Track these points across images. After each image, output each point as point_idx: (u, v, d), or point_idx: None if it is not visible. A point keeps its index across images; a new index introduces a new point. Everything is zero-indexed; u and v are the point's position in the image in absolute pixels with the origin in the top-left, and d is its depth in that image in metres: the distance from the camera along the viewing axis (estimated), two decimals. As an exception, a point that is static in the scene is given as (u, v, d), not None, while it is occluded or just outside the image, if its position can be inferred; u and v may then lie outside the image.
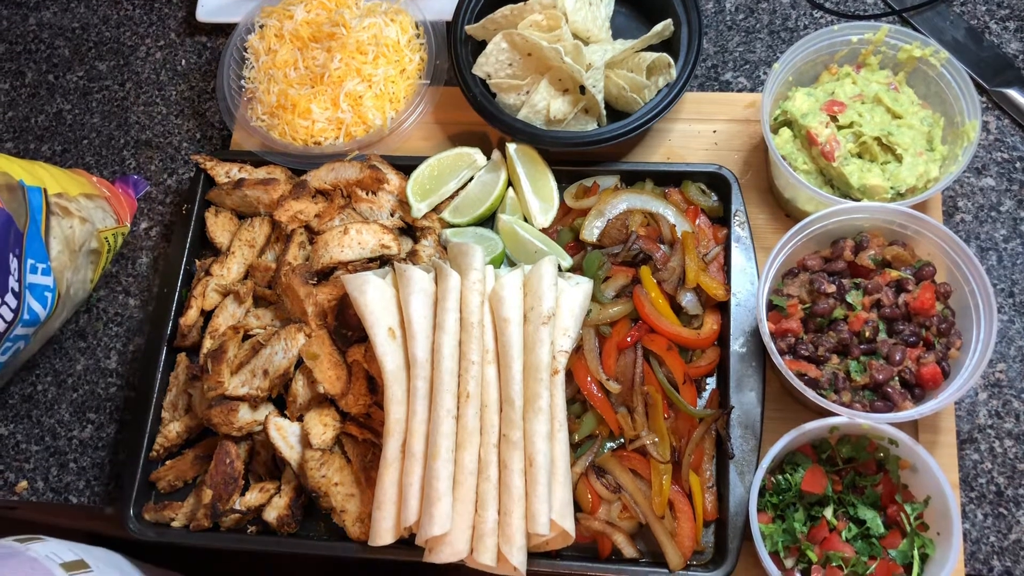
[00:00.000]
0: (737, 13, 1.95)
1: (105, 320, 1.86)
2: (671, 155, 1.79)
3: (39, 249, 1.59)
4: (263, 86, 1.85)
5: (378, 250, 1.65)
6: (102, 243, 1.76)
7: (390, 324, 1.51)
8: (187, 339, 1.69)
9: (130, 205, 1.91)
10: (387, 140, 1.83)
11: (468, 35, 1.78)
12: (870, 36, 1.62)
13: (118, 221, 1.82)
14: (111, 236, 1.79)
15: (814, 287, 1.49)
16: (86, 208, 1.73)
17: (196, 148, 2.00)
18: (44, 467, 1.76)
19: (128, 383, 1.80)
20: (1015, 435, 1.57)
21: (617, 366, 1.56)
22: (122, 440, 1.76)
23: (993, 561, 1.51)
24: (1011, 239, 1.69)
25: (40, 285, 1.61)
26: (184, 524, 1.59)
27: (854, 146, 1.58)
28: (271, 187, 1.74)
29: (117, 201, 1.86)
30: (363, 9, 1.89)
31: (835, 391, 1.44)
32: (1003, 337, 1.63)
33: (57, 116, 2.07)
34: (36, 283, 1.59)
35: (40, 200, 1.61)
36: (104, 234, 1.77)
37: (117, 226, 1.82)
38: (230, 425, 1.57)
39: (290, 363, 1.58)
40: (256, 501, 1.56)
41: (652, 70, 1.70)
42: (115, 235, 1.81)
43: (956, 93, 1.58)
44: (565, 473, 1.45)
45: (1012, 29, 1.86)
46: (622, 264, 1.63)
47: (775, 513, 1.45)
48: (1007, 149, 1.76)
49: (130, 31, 2.15)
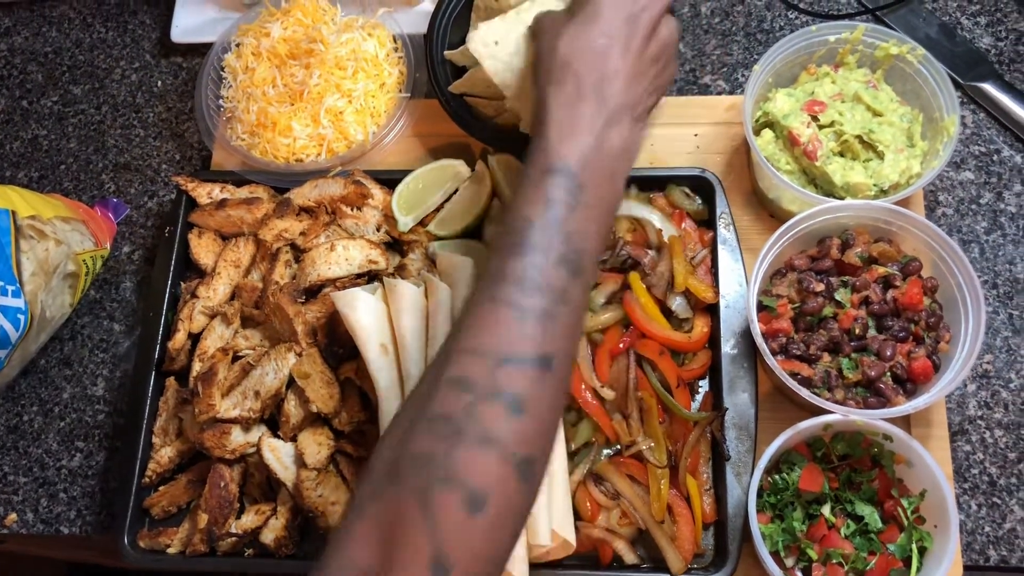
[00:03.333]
0: (713, 17, 1.97)
1: (90, 347, 1.84)
2: (654, 160, 1.80)
3: (6, 271, 1.58)
4: (242, 105, 1.84)
5: (366, 265, 1.65)
6: (80, 265, 1.74)
7: (382, 340, 1.50)
8: (175, 363, 1.67)
9: (109, 228, 1.89)
10: (369, 155, 1.83)
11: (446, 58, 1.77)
12: (847, 35, 1.64)
13: (97, 244, 1.80)
14: (89, 259, 1.77)
15: (803, 286, 1.50)
16: (61, 231, 1.71)
17: (176, 169, 1.98)
18: (33, 498, 1.74)
19: (116, 410, 1.78)
20: (1005, 425, 1.59)
21: (610, 373, 1.56)
22: (113, 467, 1.73)
23: (989, 551, 1.52)
24: (992, 231, 1.71)
25: (12, 307, 1.59)
26: (180, 550, 1.57)
27: (836, 145, 1.60)
28: (254, 206, 1.72)
29: (96, 224, 1.84)
30: (340, 24, 1.88)
31: (828, 389, 1.45)
32: (989, 328, 1.64)
33: (33, 142, 2.05)
34: (7, 305, 1.58)
35: (8, 222, 1.60)
36: (82, 256, 1.74)
37: (96, 249, 1.80)
38: (223, 448, 1.55)
39: (281, 383, 1.57)
40: (252, 524, 1.55)
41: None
42: (94, 258, 1.79)
43: (934, 89, 1.60)
44: (564, 482, 1.45)
45: (983, 24, 1.88)
46: (611, 271, 1.63)
47: (773, 513, 1.46)
48: (984, 143, 1.78)
49: (104, 54, 2.13)
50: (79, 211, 1.82)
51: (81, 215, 1.81)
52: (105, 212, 1.90)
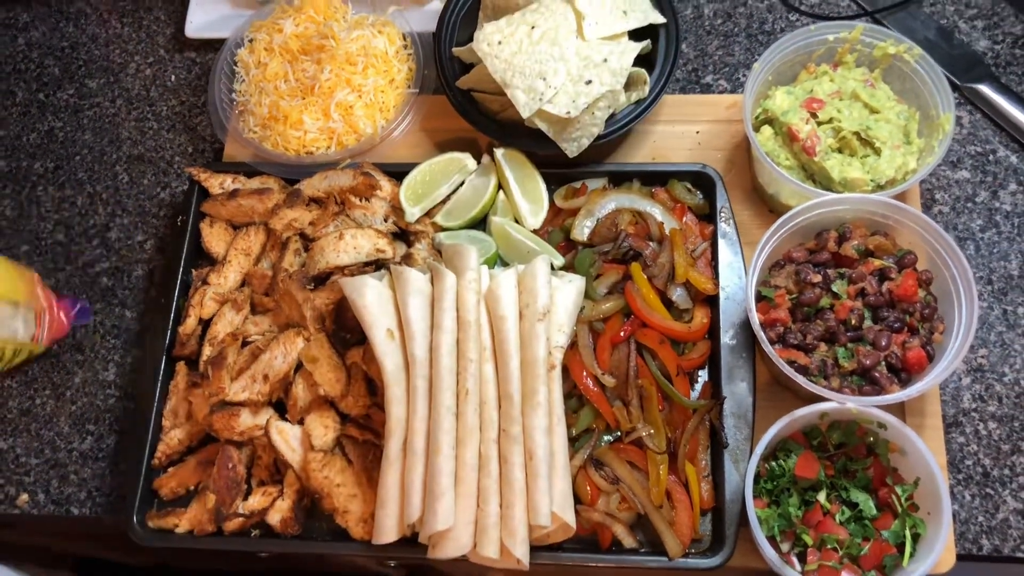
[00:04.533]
0: (715, 18, 2.01)
1: (102, 333, 1.88)
2: (656, 156, 1.84)
3: None
4: (254, 98, 1.89)
5: (373, 254, 1.68)
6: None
7: (388, 325, 1.53)
8: (186, 348, 1.71)
9: (59, 328, 1.83)
10: (378, 148, 1.87)
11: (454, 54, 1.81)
12: (846, 35, 1.68)
13: (33, 339, 1.76)
14: (11, 349, 1.73)
15: (800, 277, 1.53)
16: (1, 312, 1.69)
17: (188, 162, 2.02)
18: (44, 480, 1.77)
19: (127, 394, 1.82)
20: (999, 417, 1.62)
21: (611, 360, 1.59)
22: (123, 450, 1.77)
23: (982, 540, 1.55)
24: (987, 228, 1.75)
25: None
26: (188, 530, 1.60)
27: (834, 141, 1.63)
28: (265, 196, 1.76)
29: (50, 318, 1.79)
30: (351, 22, 1.93)
31: (824, 377, 1.48)
32: (983, 323, 1.68)
33: (49, 134, 2.09)
34: None
35: None
36: (5, 342, 1.71)
37: (27, 343, 1.75)
38: (231, 430, 1.59)
39: (290, 367, 1.60)
40: (259, 505, 1.58)
41: (628, 84, 1.73)
42: (16, 350, 1.74)
43: (930, 88, 1.63)
44: (564, 466, 1.48)
45: (980, 27, 1.92)
46: (613, 262, 1.66)
47: (770, 499, 1.48)
48: (980, 143, 1.82)
49: (119, 48, 2.18)
50: (41, 299, 1.78)
51: (41, 304, 1.77)
52: (68, 310, 1.85)
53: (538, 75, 1.64)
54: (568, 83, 1.65)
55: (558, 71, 1.64)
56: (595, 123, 1.68)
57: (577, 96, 1.64)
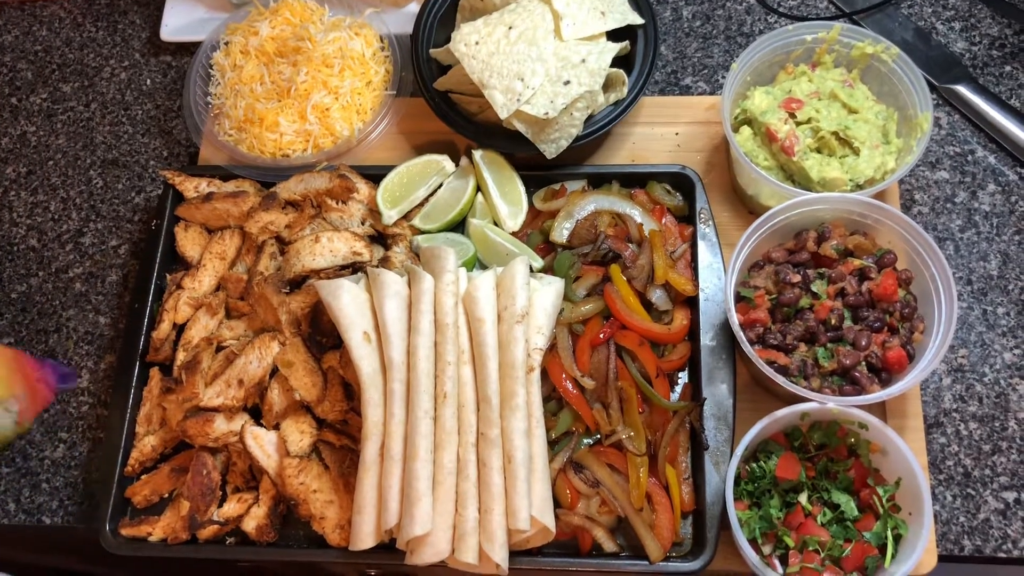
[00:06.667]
0: (694, 20, 2.01)
1: (75, 339, 1.85)
2: (635, 158, 1.83)
3: None
4: (230, 101, 1.87)
5: (350, 257, 1.66)
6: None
7: (365, 328, 1.51)
8: (160, 353, 1.68)
9: (44, 397, 1.78)
10: (355, 151, 1.85)
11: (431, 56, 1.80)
12: (824, 35, 1.68)
13: (18, 422, 1.70)
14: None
15: (780, 278, 1.53)
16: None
17: (163, 165, 2.00)
18: (15, 489, 1.74)
19: (100, 401, 1.79)
20: (979, 417, 1.61)
21: (591, 363, 1.58)
22: (96, 458, 1.74)
23: (964, 541, 1.54)
24: (967, 229, 1.74)
25: None
26: (162, 538, 1.57)
27: (813, 141, 1.63)
28: (241, 200, 1.74)
29: (32, 395, 1.73)
30: (328, 24, 1.91)
31: (804, 378, 1.47)
32: (963, 324, 1.67)
33: (22, 138, 2.06)
34: None
35: None
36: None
37: (13, 429, 1.69)
38: (206, 436, 1.56)
39: (265, 372, 1.58)
40: (234, 512, 1.56)
41: (606, 86, 1.73)
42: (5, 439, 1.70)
43: (908, 87, 1.63)
44: (544, 469, 1.46)
45: (957, 29, 1.93)
46: (592, 264, 1.65)
47: (751, 501, 1.47)
48: (958, 143, 1.82)
49: (94, 52, 2.15)
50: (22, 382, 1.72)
51: (22, 387, 1.71)
52: (51, 379, 1.79)
53: (516, 76, 1.63)
54: (546, 84, 1.64)
55: (536, 72, 1.63)
56: (574, 124, 1.67)
57: (555, 97, 1.63)
